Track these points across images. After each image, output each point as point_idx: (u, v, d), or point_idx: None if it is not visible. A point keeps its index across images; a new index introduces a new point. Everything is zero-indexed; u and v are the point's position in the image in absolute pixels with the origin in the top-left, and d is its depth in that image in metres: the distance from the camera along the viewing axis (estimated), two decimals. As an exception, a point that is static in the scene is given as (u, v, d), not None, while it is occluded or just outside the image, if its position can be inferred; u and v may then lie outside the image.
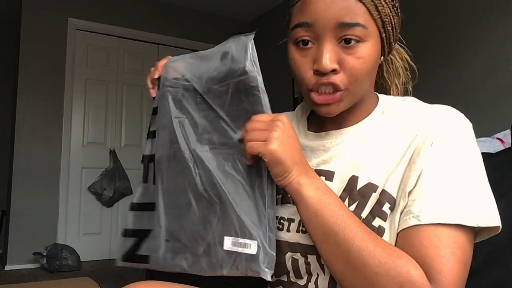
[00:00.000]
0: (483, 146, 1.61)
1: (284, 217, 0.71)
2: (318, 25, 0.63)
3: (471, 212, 0.58)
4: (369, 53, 0.64)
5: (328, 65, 0.62)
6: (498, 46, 2.56)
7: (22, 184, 3.63)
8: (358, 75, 0.64)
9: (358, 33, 0.62)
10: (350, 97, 0.66)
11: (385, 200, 0.63)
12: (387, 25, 0.66)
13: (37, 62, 3.76)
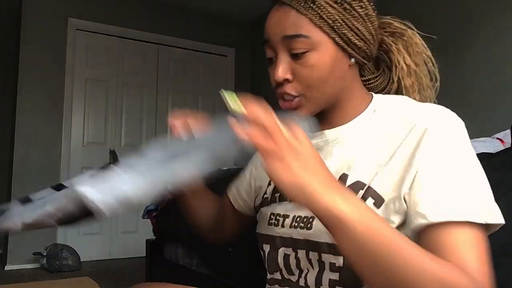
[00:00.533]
0: (483, 146, 1.61)
1: (280, 214, 0.74)
2: (271, 40, 0.70)
3: (478, 209, 0.58)
4: (319, 61, 0.67)
5: (279, 77, 0.68)
6: (498, 46, 2.56)
7: (22, 184, 3.63)
8: (309, 82, 0.68)
9: (302, 43, 0.66)
10: (310, 103, 0.70)
11: (369, 195, 0.64)
12: (340, 29, 0.67)
13: (37, 62, 3.76)
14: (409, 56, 0.80)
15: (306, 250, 0.69)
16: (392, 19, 0.82)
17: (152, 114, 4.32)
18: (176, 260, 2.55)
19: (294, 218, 0.71)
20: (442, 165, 0.61)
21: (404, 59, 0.79)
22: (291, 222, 0.71)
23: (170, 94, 4.44)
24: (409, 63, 0.79)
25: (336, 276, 0.66)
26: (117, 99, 4.15)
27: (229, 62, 4.80)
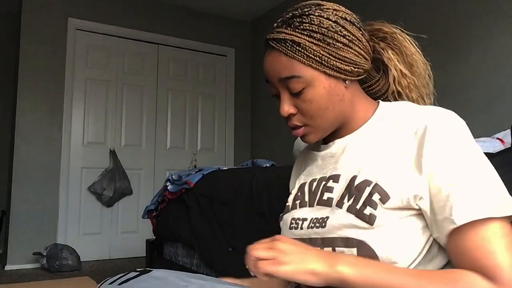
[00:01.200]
0: (483, 146, 1.61)
1: (299, 218, 0.81)
2: (270, 82, 0.78)
3: (497, 203, 0.62)
4: (315, 94, 0.74)
5: (284, 113, 0.77)
6: (498, 45, 2.56)
7: (22, 184, 3.63)
8: (311, 114, 0.76)
9: (297, 83, 0.74)
10: (316, 129, 0.78)
11: (375, 191, 0.69)
12: (329, 62, 0.74)
13: (37, 62, 3.76)
14: (402, 59, 0.84)
15: (321, 248, 0.73)
16: (381, 24, 0.85)
17: (152, 114, 4.32)
18: (176, 260, 2.55)
19: (312, 220, 0.77)
20: (455, 166, 0.65)
21: (395, 65, 0.83)
22: (308, 224, 0.78)
23: (170, 94, 4.44)
24: (401, 67, 0.84)
25: None
26: (117, 99, 4.15)
27: (229, 62, 4.80)
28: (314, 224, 0.76)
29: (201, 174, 2.41)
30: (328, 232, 0.73)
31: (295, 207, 0.85)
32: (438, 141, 0.67)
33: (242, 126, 4.82)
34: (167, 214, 2.57)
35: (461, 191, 0.63)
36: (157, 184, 4.18)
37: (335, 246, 0.71)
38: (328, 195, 0.78)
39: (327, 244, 0.73)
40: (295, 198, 0.86)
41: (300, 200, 0.84)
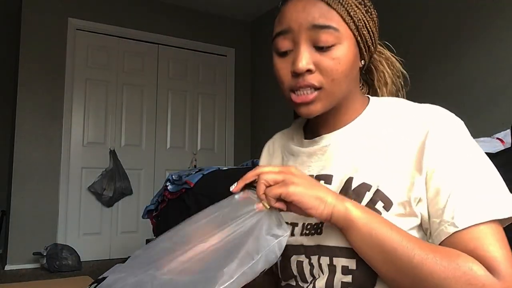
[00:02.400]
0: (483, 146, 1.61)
1: (287, 222, 0.73)
2: (294, 30, 0.68)
3: (500, 204, 0.61)
4: (344, 55, 0.68)
5: (304, 66, 0.66)
6: (497, 45, 2.56)
7: (22, 184, 3.63)
8: (334, 75, 0.67)
9: (331, 35, 0.66)
10: (328, 97, 0.69)
11: (379, 199, 0.65)
12: (361, 29, 0.70)
13: (37, 62, 3.76)
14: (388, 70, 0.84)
15: (318, 256, 0.68)
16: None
17: (152, 114, 4.32)
18: (176, 260, 2.55)
19: (304, 225, 0.72)
20: (456, 168, 0.63)
21: (386, 72, 0.83)
22: (301, 230, 0.72)
23: (170, 94, 4.44)
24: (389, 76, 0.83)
25: (349, 279, 0.65)
26: (117, 99, 4.15)
27: (229, 62, 4.80)
28: (308, 231, 0.70)
29: (201, 174, 2.41)
30: (325, 239, 0.68)
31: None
32: (441, 145, 0.64)
33: (242, 126, 4.82)
34: (167, 214, 2.57)
35: (463, 194, 0.61)
36: (157, 184, 4.17)
37: (333, 256, 0.67)
38: None
39: (324, 253, 0.68)
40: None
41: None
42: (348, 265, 0.65)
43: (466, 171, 0.63)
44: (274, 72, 0.73)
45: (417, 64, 2.97)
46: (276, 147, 0.89)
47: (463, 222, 0.59)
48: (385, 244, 0.59)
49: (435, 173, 0.63)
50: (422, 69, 2.95)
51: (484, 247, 0.58)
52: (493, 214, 0.60)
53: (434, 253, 0.58)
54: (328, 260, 0.67)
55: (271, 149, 0.91)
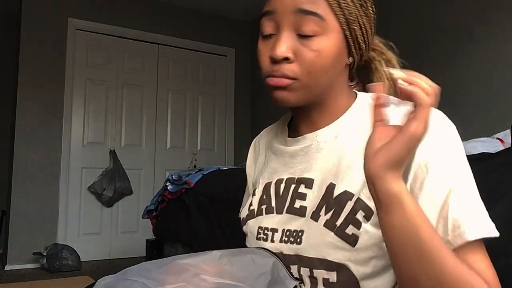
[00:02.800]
0: (483, 146, 1.61)
1: (268, 227, 0.71)
2: (278, 12, 0.64)
3: (490, 223, 0.58)
4: (326, 47, 0.63)
5: (281, 53, 0.63)
6: (498, 46, 2.56)
7: (22, 184, 3.63)
8: (311, 68, 0.63)
9: (315, 23, 0.62)
10: (302, 89, 0.65)
11: (359, 208, 0.62)
12: (352, 24, 0.65)
13: (37, 62, 3.76)
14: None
15: (298, 266, 0.66)
16: (376, 38, 0.79)
17: (152, 114, 4.32)
18: (176, 260, 2.55)
19: (284, 232, 0.69)
20: (449, 181, 0.58)
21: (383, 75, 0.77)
22: (280, 236, 0.69)
23: (170, 94, 4.44)
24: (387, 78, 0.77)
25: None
26: (117, 99, 4.15)
27: (229, 62, 4.80)
28: (287, 238, 0.67)
29: (201, 174, 2.41)
30: (305, 250, 0.65)
31: (260, 212, 0.74)
32: (431, 150, 0.60)
33: (242, 126, 4.82)
34: (167, 214, 2.57)
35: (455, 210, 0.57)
36: (157, 184, 4.17)
37: (313, 268, 0.64)
38: (301, 203, 0.68)
39: (304, 263, 0.65)
40: (261, 201, 0.75)
41: (266, 205, 0.73)
42: (329, 278, 0.63)
43: (459, 185, 0.58)
44: (257, 55, 0.70)
45: (417, 64, 2.97)
46: (262, 144, 0.86)
47: (462, 238, 0.56)
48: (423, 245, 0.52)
49: (426, 184, 0.59)
50: (421, 70, 2.94)
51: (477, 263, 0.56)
52: (483, 233, 0.56)
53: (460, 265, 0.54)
54: (308, 271, 0.65)
55: (257, 147, 0.88)
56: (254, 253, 0.64)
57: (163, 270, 0.57)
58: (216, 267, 0.59)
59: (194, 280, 0.55)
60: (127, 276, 0.55)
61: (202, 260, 0.60)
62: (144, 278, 0.54)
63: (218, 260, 0.60)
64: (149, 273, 0.56)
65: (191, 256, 0.61)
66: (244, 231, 0.78)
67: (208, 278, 0.55)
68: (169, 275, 0.56)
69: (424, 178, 0.59)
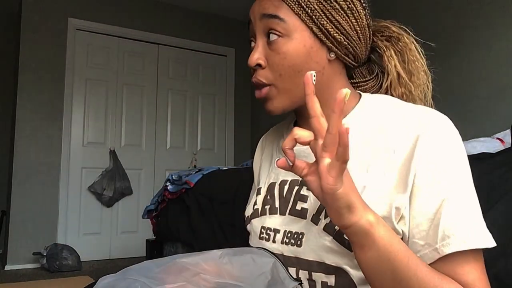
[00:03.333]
0: (483, 146, 1.61)
1: (270, 228, 0.72)
2: (252, 20, 0.68)
3: (484, 233, 0.57)
4: (292, 49, 0.65)
5: (252, 61, 0.66)
6: (497, 45, 2.56)
7: (22, 184, 3.63)
8: (280, 70, 0.65)
9: (278, 26, 0.64)
10: (283, 94, 0.67)
11: None
12: (319, 19, 0.65)
13: (37, 62, 3.76)
14: (403, 63, 0.75)
15: (296, 268, 0.67)
16: (390, 23, 0.77)
17: (152, 114, 4.32)
18: (176, 260, 2.55)
19: (285, 233, 0.69)
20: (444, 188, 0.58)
21: (395, 66, 0.75)
22: (282, 237, 0.69)
23: (170, 94, 4.44)
24: (399, 70, 0.75)
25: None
26: (117, 99, 4.15)
27: (229, 62, 4.80)
28: (288, 240, 0.68)
29: (201, 174, 2.41)
30: (304, 253, 0.65)
31: (264, 212, 0.74)
32: (431, 156, 0.59)
33: (242, 126, 4.82)
34: (167, 214, 2.57)
35: (450, 219, 0.56)
36: (157, 184, 4.17)
37: (312, 271, 0.65)
38: (302, 205, 0.68)
39: (303, 266, 0.66)
40: (265, 201, 0.75)
41: (270, 206, 0.74)
42: (327, 281, 0.63)
43: (454, 194, 0.58)
44: None
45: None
46: (268, 143, 0.86)
47: (450, 248, 0.55)
48: (400, 272, 0.54)
49: (421, 192, 0.59)
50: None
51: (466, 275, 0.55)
52: (480, 243, 0.56)
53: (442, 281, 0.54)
54: (307, 274, 0.66)
55: (264, 144, 0.88)
56: (254, 253, 0.64)
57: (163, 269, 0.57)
58: (216, 266, 0.59)
59: (195, 279, 0.55)
60: (127, 275, 0.55)
61: (202, 259, 0.60)
62: (145, 277, 0.54)
63: (218, 259, 0.60)
64: (149, 272, 0.56)
65: (191, 255, 0.61)
66: (248, 230, 0.79)
67: (208, 278, 0.55)
68: (169, 274, 0.56)
69: (420, 185, 0.59)
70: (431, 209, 0.58)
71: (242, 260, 0.62)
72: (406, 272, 0.53)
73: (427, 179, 0.59)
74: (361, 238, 0.54)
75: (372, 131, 0.66)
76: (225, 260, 0.60)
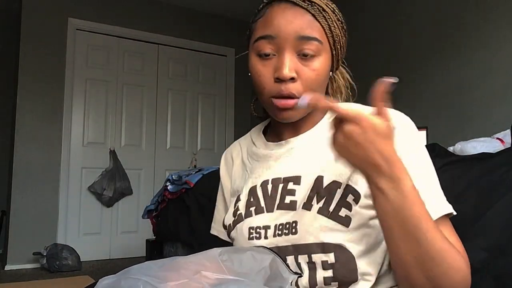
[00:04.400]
0: (483, 146, 1.61)
1: (260, 226, 0.75)
2: (280, 37, 0.71)
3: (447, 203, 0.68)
4: (322, 67, 0.72)
5: (288, 74, 0.69)
6: (497, 45, 2.56)
7: (22, 184, 3.63)
8: (312, 85, 0.72)
9: (314, 47, 0.71)
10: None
11: (349, 193, 0.69)
12: (337, 44, 0.75)
13: (37, 62, 3.76)
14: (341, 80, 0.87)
15: (294, 256, 0.70)
16: None
17: (152, 114, 4.32)
18: (176, 260, 2.55)
19: (276, 226, 0.72)
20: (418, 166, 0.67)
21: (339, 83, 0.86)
22: (273, 231, 0.72)
23: (170, 94, 4.44)
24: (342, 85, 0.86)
25: (330, 273, 0.67)
26: (117, 99, 4.15)
27: (229, 62, 4.80)
28: (281, 231, 0.71)
29: (201, 174, 2.41)
30: (301, 238, 0.69)
31: (249, 214, 0.77)
32: (404, 144, 0.67)
33: (242, 126, 4.81)
34: (167, 214, 2.57)
35: (426, 190, 0.64)
36: (157, 184, 4.17)
37: (311, 253, 0.68)
38: (291, 198, 0.73)
39: (301, 251, 0.69)
40: (248, 204, 0.78)
41: (255, 206, 0.77)
42: (327, 259, 0.67)
43: (422, 172, 0.67)
44: (253, 74, 0.75)
45: (417, 66, 2.97)
46: (235, 156, 0.90)
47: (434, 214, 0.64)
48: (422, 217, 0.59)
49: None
50: (422, 70, 2.95)
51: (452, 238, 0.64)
52: (445, 210, 0.66)
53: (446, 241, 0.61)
54: (306, 257, 0.69)
55: (229, 159, 0.92)
56: (253, 250, 0.66)
57: (165, 268, 0.57)
58: (217, 263, 0.60)
59: (196, 277, 0.55)
60: (129, 275, 0.55)
61: (202, 257, 0.61)
62: (146, 276, 0.54)
63: (218, 257, 0.61)
64: (151, 271, 0.56)
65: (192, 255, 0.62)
66: (231, 237, 0.81)
67: (209, 274, 0.56)
68: (171, 272, 0.56)
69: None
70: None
71: (241, 257, 0.63)
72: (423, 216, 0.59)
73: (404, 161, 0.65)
74: (401, 166, 0.59)
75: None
76: (225, 257, 0.61)
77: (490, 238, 0.63)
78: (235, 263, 0.61)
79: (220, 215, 0.93)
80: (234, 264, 0.61)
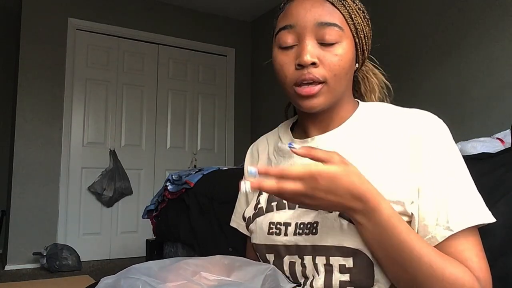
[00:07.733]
0: (483, 146, 1.61)
1: (280, 222, 0.74)
2: (299, 25, 0.71)
3: (484, 211, 0.65)
4: (345, 52, 0.71)
5: (309, 59, 0.68)
6: (497, 45, 2.56)
7: (22, 184, 3.63)
8: (336, 70, 0.70)
9: (335, 33, 0.70)
10: (330, 93, 0.71)
11: None
12: (360, 33, 0.74)
13: (37, 62, 3.76)
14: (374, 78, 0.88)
15: (312, 256, 0.69)
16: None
17: (152, 114, 4.32)
18: (176, 260, 2.55)
19: (297, 225, 0.72)
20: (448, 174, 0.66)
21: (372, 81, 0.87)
22: (294, 229, 0.72)
23: (170, 94, 4.44)
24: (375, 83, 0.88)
25: (347, 277, 0.67)
26: (117, 99, 4.15)
27: (229, 62, 4.80)
28: (302, 230, 0.71)
29: (201, 174, 2.41)
30: (321, 239, 0.68)
31: (271, 209, 0.77)
32: (435, 148, 0.67)
33: (242, 126, 4.82)
34: (167, 214, 2.57)
35: (455, 201, 0.64)
36: (157, 184, 4.17)
37: (329, 256, 0.68)
38: None
39: (320, 252, 0.69)
40: (270, 199, 0.78)
41: (277, 202, 0.77)
42: (345, 264, 0.66)
43: (456, 178, 0.66)
44: (275, 66, 0.74)
45: (417, 66, 2.97)
46: (261, 150, 0.90)
47: (458, 226, 0.62)
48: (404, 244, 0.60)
49: (427, 180, 0.66)
50: (422, 70, 2.95)
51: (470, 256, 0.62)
52: (484, 219, 0.64)
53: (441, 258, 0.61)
54: (324, 259, 0.68)
55: (255, 153, 0.92)
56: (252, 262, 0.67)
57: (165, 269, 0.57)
58: (217, 265, 0.60)
59: (196, 278, 0.56)
60: (129, 275, 0.55)
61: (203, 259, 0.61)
62: (146, 276, 0.54)
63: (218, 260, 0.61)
64: (151, 271, 0.56)
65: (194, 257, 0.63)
66: (249, 230, 0.81)
67: (208, 276, 0.56)
68: (170, 273, 0.57)
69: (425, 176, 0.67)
70: (439, 195, 0.65)
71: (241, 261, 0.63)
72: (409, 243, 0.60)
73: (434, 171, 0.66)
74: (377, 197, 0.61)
75: (373, 135, 0.73)
76: (226, 261, 0.61)
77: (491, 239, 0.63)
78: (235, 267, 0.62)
79: (242, 207, 0.94)
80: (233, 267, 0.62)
